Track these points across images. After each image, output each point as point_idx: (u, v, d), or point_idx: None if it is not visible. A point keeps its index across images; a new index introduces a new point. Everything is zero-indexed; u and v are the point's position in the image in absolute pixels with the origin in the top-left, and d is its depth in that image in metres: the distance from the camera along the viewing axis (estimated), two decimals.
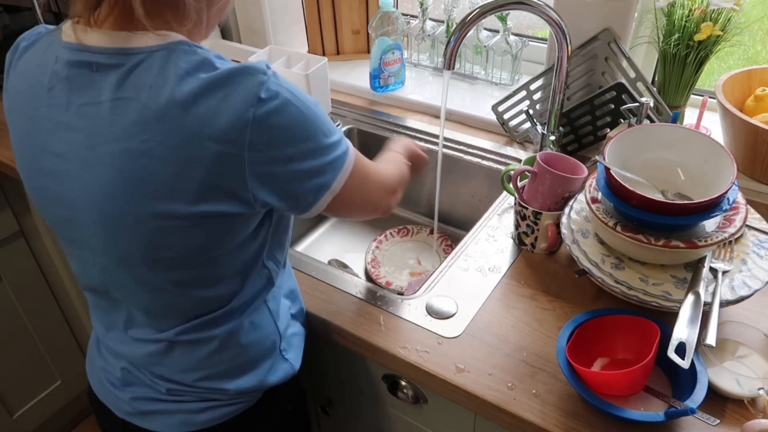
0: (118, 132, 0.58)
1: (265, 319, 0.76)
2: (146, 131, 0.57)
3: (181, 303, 0.68)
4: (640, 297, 0.75)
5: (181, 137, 0.57)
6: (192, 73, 0.58)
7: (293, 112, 0.60)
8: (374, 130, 1.33)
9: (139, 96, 0.58)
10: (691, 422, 0.69)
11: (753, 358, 0.74)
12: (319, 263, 0.96)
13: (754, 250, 0.80)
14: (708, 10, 1.03)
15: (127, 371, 0.76)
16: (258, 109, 0.57)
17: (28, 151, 0.66)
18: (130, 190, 0.59)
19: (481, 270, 0.92)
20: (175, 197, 0.59)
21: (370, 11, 1.49)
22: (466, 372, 0.76)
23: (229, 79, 0.58)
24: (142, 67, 0.58)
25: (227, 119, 0.57)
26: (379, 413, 0.98)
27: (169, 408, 0.74)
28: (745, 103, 1.08)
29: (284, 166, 0.61)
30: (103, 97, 0.59)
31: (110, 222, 0.62)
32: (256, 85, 0.58)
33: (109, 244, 0.64)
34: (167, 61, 0.58)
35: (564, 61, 1.01)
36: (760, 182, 1.03)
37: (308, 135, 0.62)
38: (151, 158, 0.58)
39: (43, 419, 1.66)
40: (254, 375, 0.75)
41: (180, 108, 0.57)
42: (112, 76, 0.59)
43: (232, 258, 0.67)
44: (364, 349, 0.83)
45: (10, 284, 1.47)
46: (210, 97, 0.57)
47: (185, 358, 0.72)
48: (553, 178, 0.88)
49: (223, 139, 0.57)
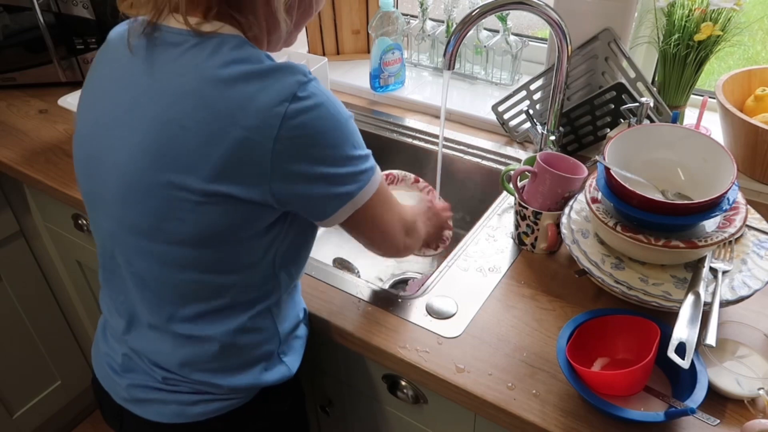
0: (157, 100, 0.62)
1: (268, 323, 0.76)
2: (181, 101, 0.60)
3: (182, 284, 0.69)
4: (640, 297, 0.75)
5: (212, 113, 0.59)
6: (238, 61, 0.60)
7: (326, 117, 0.61)
8: (374, 130, 1.33)
9: (185, 71, 0.61)
10: (691, 422, 0.69)
11: (753, 358, 0.74)
12: (319, 263, 0.96)
13: (754, 250, 0.80)
14: (708, 10, 1.03)
15: (128, 357, 0.77)
16: (292, 105, 0.59)
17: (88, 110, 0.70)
18: (154, 155, 0.62)
19: (481, 270, 0.92)
20: (192, 170, 0.61)
21: (370, 11, 1.49)
22: (466, 372, 0.76)
23: (271, 72, 0.60)
24: (198, 48, 0.61)
25: (260, 108, 0.59)
26: (379, 413, 0.98)
27: (164, 398, 0.75)
28: (745, 103, 1.08)
29: (309, 167, 0.62)
30: (158, 68, 0.63)
31: (129, 183, 0.64)
32: (295, 83, 0.60)
33: (123, 207, 0.66)
34: (219, 48, 0.61)
35: (564, 61, 1.01)
36: (760, 182, 1.03)
37: (337, 142, 0.63)
38: (178, 128, 0.60)
39: (43, 419, 1.66)
40: (249, 374, 0.75)
41: (217, 87, 0.59)
42: (172, 52, 0.62)
43: (238, 249, 0.67)
44: (364, 349, 0.83)
45: (10, 284, 1.47)
46: (248, 85, 0.59)
47: (183, 352, 0.72)
48: (553, 178, 0.88)
49: (252, 127, 0.59)
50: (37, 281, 1.54)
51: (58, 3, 1.36)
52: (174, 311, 0.71)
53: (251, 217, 0.65)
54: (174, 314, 0.71)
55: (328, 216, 0.67)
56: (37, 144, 1.29)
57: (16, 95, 1.48)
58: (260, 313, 0.74)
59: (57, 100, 1.24)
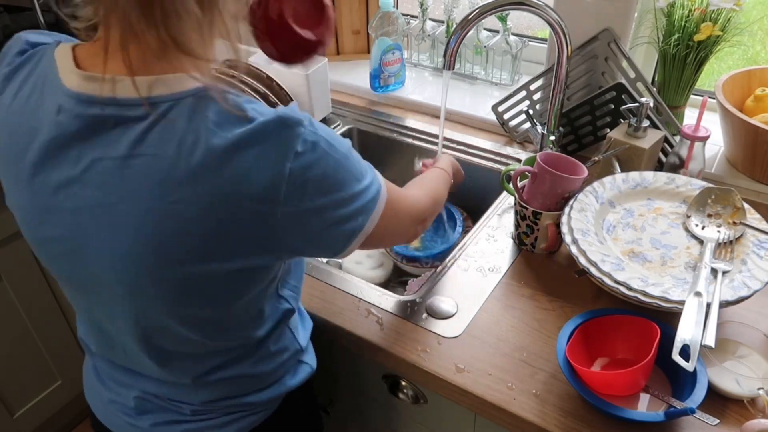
0: (141, 192, 0.53)
1: (288, 340, 0.75)
2: (175, 191, 0.53)
3: (199, 345, 0.66)
4: (639, 298, 0.75)
5: (215, 198, 0.53)
6: (223, 126, 0.53)
7: (329, 163, 0.57)
8: (374, 130, 1.33)
9: (164, 152, 0.52)
10: (690, 422, 0.69)
11: (753, 358, 0.74)
12: (320, 263, 0.96)
13: (754, 251, 0.80)
14: (708, 11, 1.03)
15: (141, 399, 0.73)
16: (294, 163, 0.54)
17: (27, 202, 0.60)
18: (157, 253, 0.55)
19: (481, 270, 0.92)
20: (208, 258, 0.56)
21: (370, 11, 1.49)
22: (466, 372, 0.76)
23: (265, 133, 0.54)
24: (168, 118, 0.53)
25: (265, 177, 0.53)
26: (379, 413, 0.98)
27: (196, 427, 0.73)
28: (745, 103, 1.08)
29: (317, 216, 0.58)
30: (121, 152, 0.53)
31: (134, 283, 0.58)
32: (293, 137, 0.54)
33: (131, 299, 0.60)
34: (195, 113, 0.53)
35: (564, 61, 1.01)
36: (760, 182, 1.03)
37: (342, 184, 0.59)
38: (180, 220, 0.53)
39: (43, 419, 1.66)
40: (276, 387, 0.75)
41: (213, 167, 0.52)
42: (134, 129, 0.53)
43: (252, 302, 0.65)
44: (364, 349, 0.83)
45: (10, 284, 1.47)
46: (245, 154, 0.53)
47: (210, 393, 0.71)
48: (553, 178, 0.88)
49: (261, 198, 0.54)
50: (37, 281, 1.54)
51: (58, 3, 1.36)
52: (200, 370, 0.69)
53: (267, 272, 0.63)
54: (200, 372, 0.69)
55: (341, 251, 0.64)
56: None
57: None
58: (280, 336, 0.74)
59: None
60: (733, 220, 0.85)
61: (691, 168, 0.94)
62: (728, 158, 1.10)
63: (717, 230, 0.84)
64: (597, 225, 0.87)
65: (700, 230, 0.84)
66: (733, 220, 0.84)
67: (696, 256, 0.81)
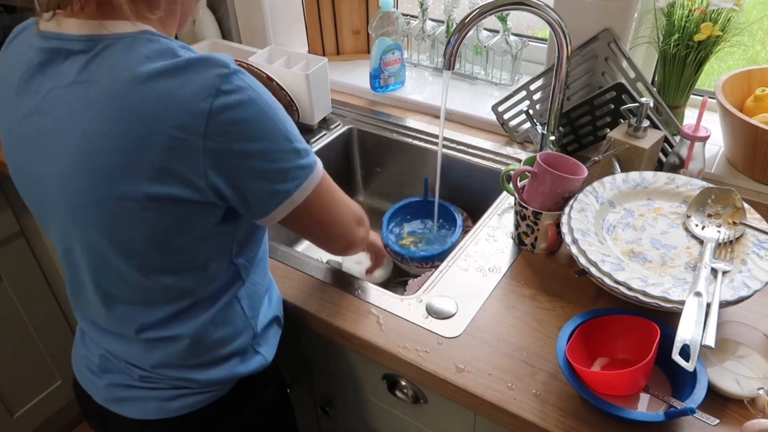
0: (80, 114, 0.60)
1: (237, 315, 0.76)
2: (104, 112, 0.58)
3: (144, 289, 0.68)
4: (639, 298, 0.75)
5: (136, 119, 0.58)
6: (153, 59, 0.58)
7: (254, 109, 0.60)
8: (374, 130, 1.33)
9: (100, 78, 0.59)
10: (690, 422, 0.69)
11: (753, 358, 0.74)
12: (319, 263, 0.96)
13: (754, 251, 0.80)
14: (708, 11, 1.03)
15: (105, 358, 0.77)
16: (216, 100, 0.57)
17: (7, 136, 0.68)
18: (90, 171, 0.60)
19: (481, 270, 0.92)
20: (129, 178, 0.59)
21: (370, 11, 1.49)
22: (466, 372, 0.76)
23: (189, 67, 0.58)
24: (107, 52, 0.59)
25: (184, 106, 0.57)
26: (379, 413, 0.98)
27: (143, 395, 0.76)
28: (744, 103, 1.08)
29: (241, 161, 0.61)
30: (68, 80, 0.60)
31: (74, 203, 0.63)
32: (215, 76, 0.58)
33: (75, 224, 0.65)
34: (130, 48, 0.59)
35: (564, 61, 1.01)
36: (760, 182, 1.03)
37: (269, 135, 0.62)
38: (108, 138, 0.58)
39: (43, 419, 1.66)
40: (225, 367, 0.76)
41: (137, 91, 0.57)
42: (80, 59, 0.60)
43: (194, 248, 0.67)
44: (364, 349, 0.83)
45: (10, 284, 1.47)
46: (168, 83, 0.57)
47: (156, 354, 0.73)
48: (553, 178, 0.88)
49: (179, 126, 0.57)
50: (37, 281, 1.54)
51: None
52: (143, 321, 0.71)
53: (200, 215, 0.64)
54: (143, 324, 0.71)
55: (266, 214, 0.66)
56: None
57: None
58: (227, 304, 0.74)
59: None
60: (733, 220, 0.85)
61: (691, 168, 0.94)
62: (728, 158, 1.10)
63: (717, 230, 0.84)
64: (597, 225, 0.87)
65: (700, 230, 0.85)
66: (733, 220, 0.84)
67: (696, 256, 0.81)
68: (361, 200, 1.45)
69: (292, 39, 1.58)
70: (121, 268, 0.66)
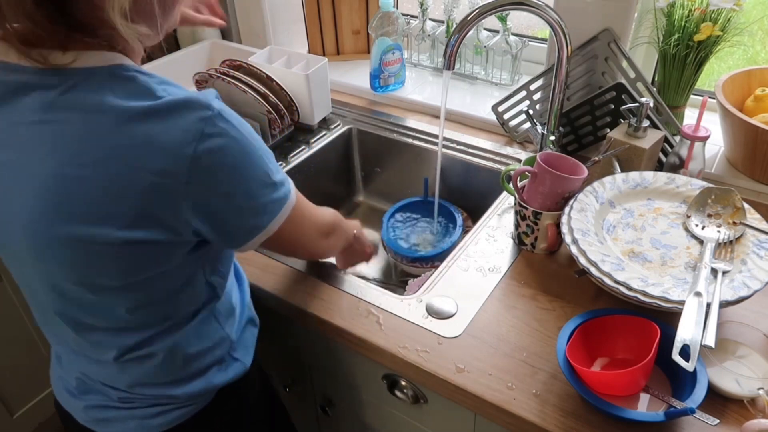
0: (50, 155, 0.56)
1: (213, 328, 0.75)
2: (80, 155, 0.55)
3: (118, 319, 0.67)
4: (639, 298, 0.75)
5: (116, 163, 0.55)
6: (131, 99, 0.56)
7: (237, 152, 0.59)
8: (374, 130, 1.33)
9: (73, 119, 0.55)
10: (690, 422, 0.69)
11: (753, 358, 0.74)
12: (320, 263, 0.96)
13: (754, 251, 0.80)
14: (708, 11, 1.03)
15: (81, 381, 0.76)
16: (200, 144, 0.56)
17: None
18: (60, 214, 0.57)
19: (481, 270, 0.92)
20: (106, 223, 0.57)
21: (370, 11, 1.49)
22: (466, 372, 0.76)
23: (171, 110, 0.56)
24: (79, 88, 0.56)
25: (168, 152, 0.55)
26: (379, 413, 0.98)
27: (122, 415, 0.75)
28: (745, 103, 1.08)
29: (222, 203, 0.60)
30: (33, 117, 0.56)
31: (41, 243, 0.59)
32: (199, 119, 0.56)
33: (40, 263, 0.62)
34: (105, 86, 0.56)
35: (564, 61, 1.01)
36: (759, 182, 1.04)
37: (250, 175, 0.61)
38: (84, 183, 0.55)
39: (43, 419, 1.66)
40: (203, 380, 0.75)
41: (117, 134, 0.55)
42: (47, 95, 0.56)
43: (167, 279, 0.65)
44: (364, 349, 0.83)
45: (11, 284, 1.47)
46: (150, 127, 0.55)
47: (130, 374, 0.72)
48: (553, 178, 0.88)
49: (162, 172, 0.55)
50: None
51: None
52: (118, 346, 0.69)
53: (173, 250, 0.63)
54: (119, 349, 0.69)
55: (241, 245, 0.66)
56: None
57: None
58: (203, 320, 0.73)
59: None
60: (733, 220, 0.85)
61: (691, 168, 0.94)
62: (728, 158, 1.10)
63: (717, 230, 0.84)
64: (597, 225, 0.87)
65: (700, 230, 0.85)
66: (733, 220, 0.84)
67: (696, 256, 0.81)
68: (361, 200, 1.45)
69: (292, 39, 1.58)
70: (91, 301, 0.64)
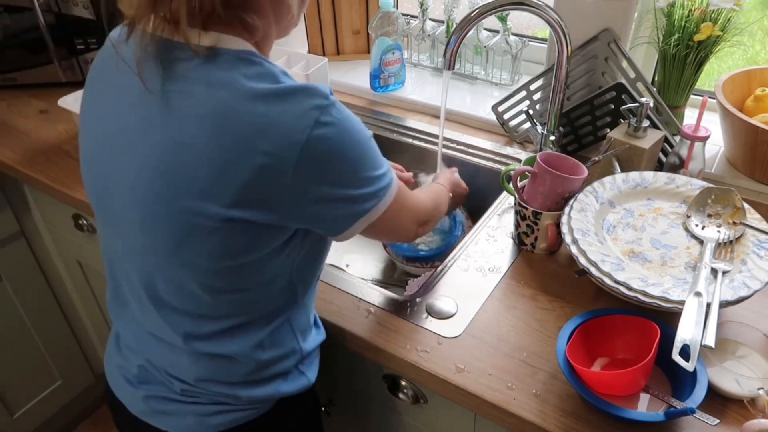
0: (170, 122, 0.59)
1: (287, 337, 0.75)
2: (197, 127, 0.58)
3: (198, 302, 0.67)
4: (639, 298, 0.75)
5: (230, 140, 0.57)
6: (255, 81, 0.58)
7: (347, 142, 0.61)
8: (374, 130, 1.32)
9: (197, 91, 0.58)
10: (690, 422, 0.69)
11: (753, 358, 0.74)
12: None
13: (754, 251, 0.80)
14: (708, 11, 1.03)
15: (144, 369, 0.76)
16: (314, 131, 0.58)
17: (95, 124, 0.68)
18: (169, 181, 0.60)
19: (481, 270, 0.92)
20: (210, 197, 0.59)
21: (370, 11, 1.49)
22: (466, 372, 0.76)
23: (291, 94, 0.58)
24: (209, 65, 0.59)
25: (281, 133, 0.57)
26: (379, 413, 0.98)
27: (183, 409, 0.74)
28: (744, 104, 1.08)
29: (328, 189, 0.61)
30: (167, 86, 0.60)
31: (144, 208, 0.62)
32: (316, 107, 0.58)
33: (140, 230, 0.64)
34: (234, 66, 0.59)
35: (564, 62, 1.01)
36: (759, 182, 1.04)
37: (357, 166, 0.62)
38: (198, 155, 0.58)
39: (43, 419, 1.66)
40: (269, 387, 0.75)
41: (237, 111, 0.57)
42: (182, 66, 0.59)
43: (256, 267, 0.66)
44: (365, 349, 0.83)
45: (10, 284, 1.47)
46: (269, 108, 0.57)
47: (202, 368, 0.72)
48: (553, 178, 0.88)
49: (273, 153, 0.57)
50: (38, 281, 1.54)
51: (58, 3, 1.36)
52: (191, 330, 0.70)
53: (269, 236, 0.64)
54: (191, 333, 0.70)
55: (341, 232, 0.66)
56: (37, 144, 1.29)
57: (16, 95, 1.48)
58: (279, 327, 0.73)
59: (57, 101, 1.24)
60: (733, 220, 0.85)
61: (691, 168, 0.94)
62: (728, 158, 1.10)
63: (717, 230, 0.84)
64: (597, 225, 0.87)
65: (700, 230, 0.85)
66: (733, 220, 0.84)
67: (696, 256, 0.81)
68: None
69: (291, 39, 1.58)
70: (180, 279, 0.65)
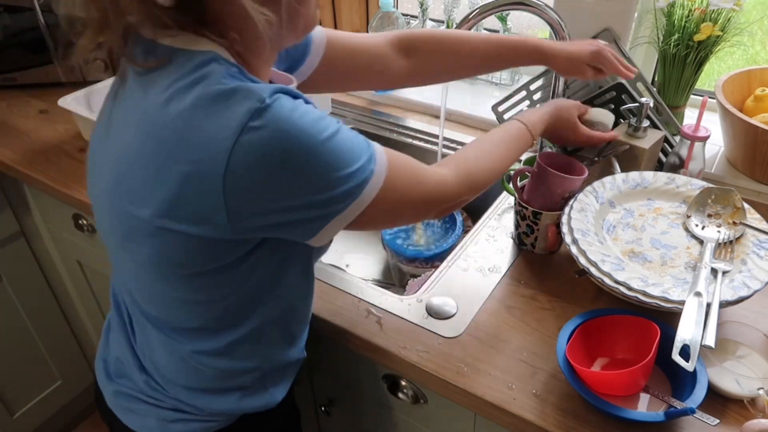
0: (123, 128, 0.60)
1: (253, 350, 0.72)
2: (135, 132, 0.58)
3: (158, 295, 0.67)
4: (639, 298, 0.75)
5: (157, 145, 0.55)
6: (190, 84, 0.54)
7: (291, 147, 0.53)
8: (374, 131, 1.33)
9: (138, 96, 0.59)
10: (690, 422, 0.69)
11: (753, 358, 0.74)
12: (320, 263, 0.96)
13: (754, 251, 0.80)
14: (708, 11, 1.03)
15: (120, 362, 0.77)
16: (242, 137, 0.52)
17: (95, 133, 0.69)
18: (113, 186, 0.61)
19: (481, 270, 0.92)
20: (143, 203, 0.57)
21: (370, 11, 1.49)
22: (466, 372, 0.76)
23: (222, 98, 0.53)
24: (160, 68, 0.57)
25: (204, 140, 0.53)
26: (379, 413, 0.98)
27: (146, 410, 0.75)
28: (744, 103, 1.08)
29: (271, 202, 0.56)
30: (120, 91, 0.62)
31: (105, 213, 0.65)
32: (246, 111, 0.52)
33: (107, 232, 0.67)
34: (180, 67, 0.56)
35: None
36: (759, 182, 1.04)
37: (310, 170, 0.55)
38: (135, 156, 0.58)
39: (43, 419, 1.66)
40: (226, 399, 0.73)
41: (161, 115, 0.55)
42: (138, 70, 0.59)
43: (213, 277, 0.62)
44: (364, 349, 0.83)
45: (10, 284, 1.47)
46: (194, 112, 0.53)
47: (170, 363, 0.72)
48: (553, 178, 0.88)
49: (197, 161, 0.53)
50: (38, 281, 1.54)
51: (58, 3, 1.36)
52: (165, 324, 0.70)
53: (214, 250, 0.59)
54: (165, 328, 0.70)
55: (311, 237, 0.61)
56: (37, 144, 1.29)
57: (16, 95, 1.48)
58: (245, 338, 0.69)
59: (57, 101, 1.24)
60: (733, 220, 0.85)
61: (691, 168, 0.94)
62: (728, 158, 1.10)
63: (717, 230, 0.84)
64: (597, 225, 0.87)
65: (700, 230, 0.85)
66: (733, 220, 0.84)
67: (696, 256, 0.81)
68: None
69: None
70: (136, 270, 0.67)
